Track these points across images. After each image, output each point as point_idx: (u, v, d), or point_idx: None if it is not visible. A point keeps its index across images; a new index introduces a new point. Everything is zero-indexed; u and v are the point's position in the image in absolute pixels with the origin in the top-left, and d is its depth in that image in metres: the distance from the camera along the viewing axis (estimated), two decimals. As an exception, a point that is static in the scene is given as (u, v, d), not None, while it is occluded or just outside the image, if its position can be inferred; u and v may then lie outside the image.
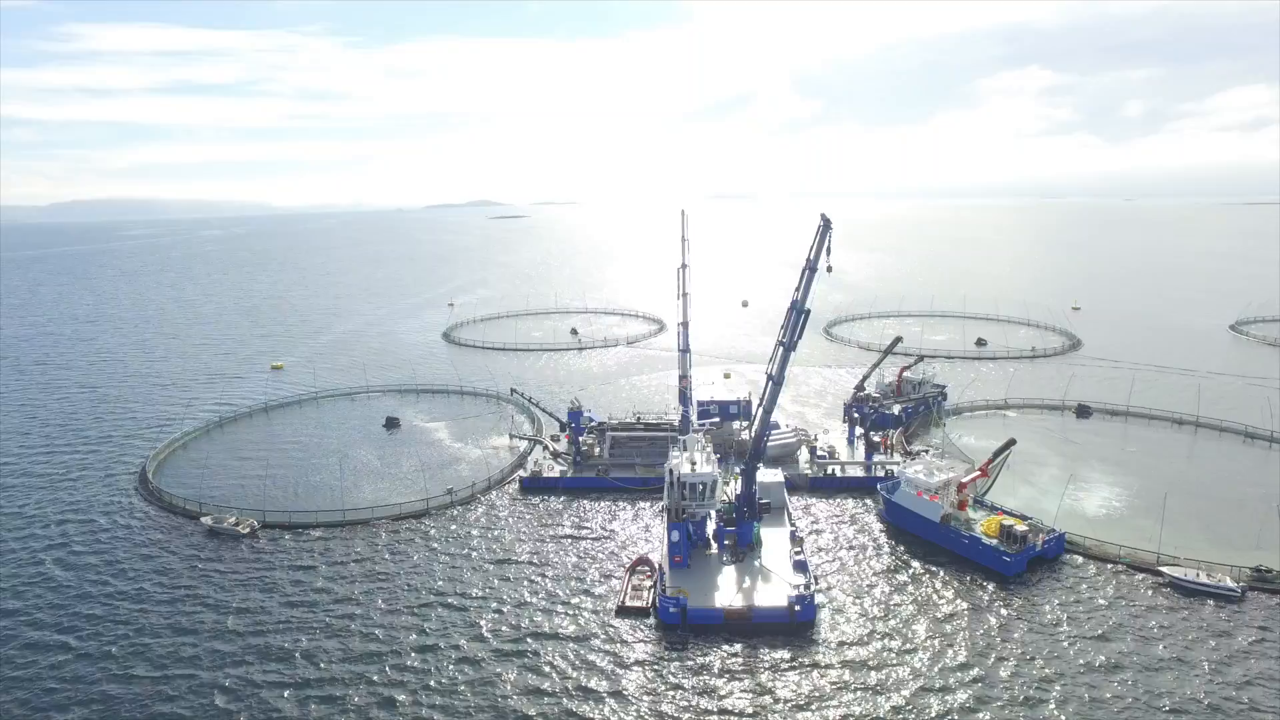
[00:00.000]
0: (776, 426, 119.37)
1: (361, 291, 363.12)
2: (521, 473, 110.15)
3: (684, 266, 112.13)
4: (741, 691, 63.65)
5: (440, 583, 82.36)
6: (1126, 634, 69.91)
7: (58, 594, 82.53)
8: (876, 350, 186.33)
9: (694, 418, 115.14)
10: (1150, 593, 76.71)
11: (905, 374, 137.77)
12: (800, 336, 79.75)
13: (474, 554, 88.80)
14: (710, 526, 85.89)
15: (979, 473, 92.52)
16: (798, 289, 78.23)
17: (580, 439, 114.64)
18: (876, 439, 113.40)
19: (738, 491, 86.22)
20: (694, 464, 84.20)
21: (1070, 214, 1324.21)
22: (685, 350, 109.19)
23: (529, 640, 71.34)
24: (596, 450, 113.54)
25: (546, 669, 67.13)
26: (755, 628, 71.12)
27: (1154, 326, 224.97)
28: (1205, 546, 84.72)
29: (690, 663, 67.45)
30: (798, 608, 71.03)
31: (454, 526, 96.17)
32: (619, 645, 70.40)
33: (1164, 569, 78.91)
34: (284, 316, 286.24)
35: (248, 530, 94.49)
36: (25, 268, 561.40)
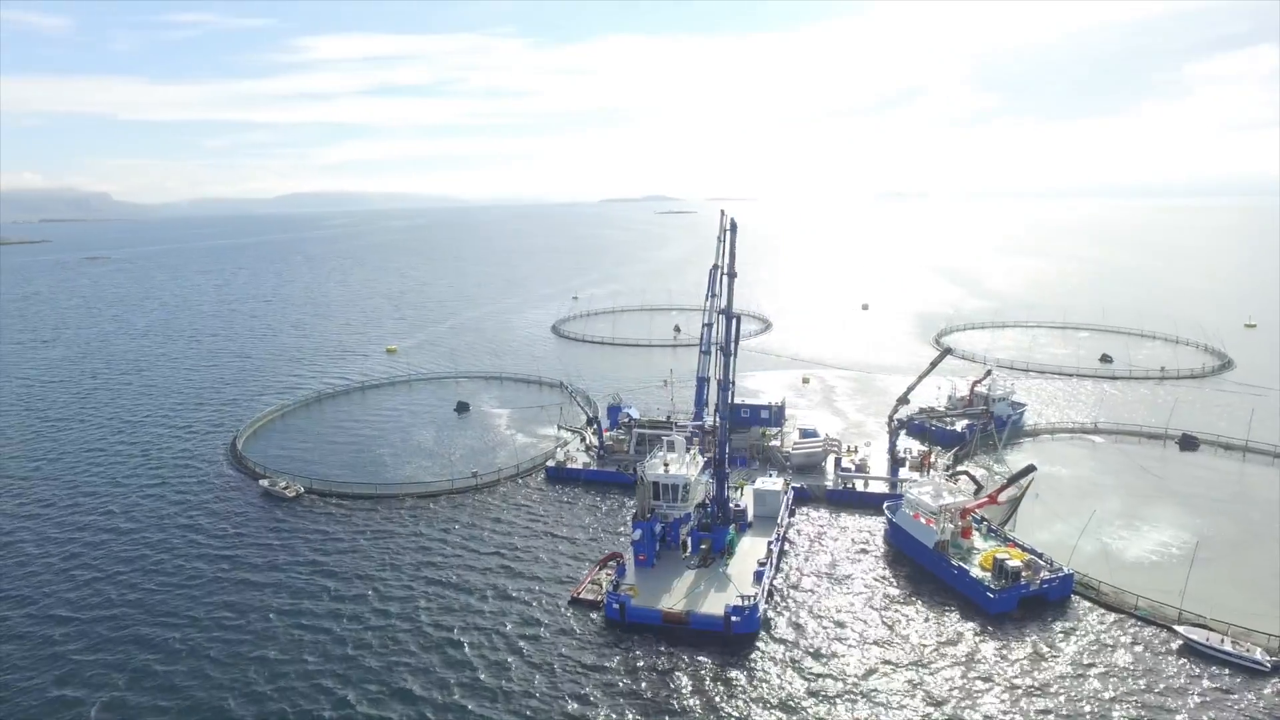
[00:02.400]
0: (814, 434, 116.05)
1: (503, 281, 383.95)
2: (549, 462, 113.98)
3: (716, 268, 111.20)
4: (633, 696, 63.05)
5: (414, 558, 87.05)
6: (1094, 697, 62.13)
7: (82, 524, 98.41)
8: (972, 361, 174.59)
9: (710, 419, 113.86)
10: (1153, 653, 67.27)
11: (977, 388, 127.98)
12: (737, 342, 77.64)
13: (466, 535, 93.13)
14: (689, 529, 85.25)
15: (987, 499, 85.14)
16: (718, 295, 76.64)
17: (606, 433, 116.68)
18: (903, 455, 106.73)
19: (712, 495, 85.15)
20: (667, 465, 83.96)
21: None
22: (706, 352, 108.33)
23: (461, 621, 73.94)
24: (625, 446, 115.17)
25: (455, 649, 69.46)
26: (692, 634, 70.39)
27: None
28: (1264, 608, 73.14)
29: (606, 660, 67.66)
30: (735, 619, 69.37)
31: (463, 507, 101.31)
32: (550, 634, 71.69)
33: (1179, 628, 69.17)
34: (424, 302, 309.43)
35: (293, 495, 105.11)
36: (233, 255, 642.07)
